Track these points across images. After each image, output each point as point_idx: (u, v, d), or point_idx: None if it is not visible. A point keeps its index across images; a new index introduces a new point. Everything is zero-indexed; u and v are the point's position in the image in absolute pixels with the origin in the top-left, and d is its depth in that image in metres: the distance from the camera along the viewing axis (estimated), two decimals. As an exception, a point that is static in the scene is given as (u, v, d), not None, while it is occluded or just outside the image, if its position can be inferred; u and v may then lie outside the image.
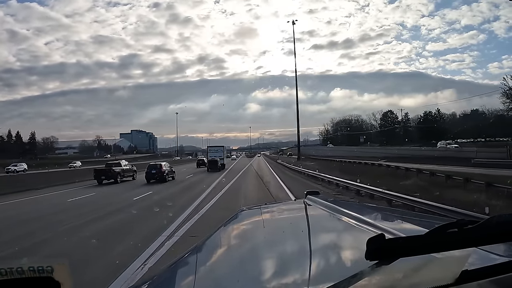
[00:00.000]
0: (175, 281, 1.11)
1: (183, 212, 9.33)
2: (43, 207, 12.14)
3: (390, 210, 1.94)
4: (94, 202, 13.10)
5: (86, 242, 6.48)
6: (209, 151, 39.74)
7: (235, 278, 0.94)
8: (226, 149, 45.60)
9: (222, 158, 36.79)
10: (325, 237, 1.29)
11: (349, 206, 1.74)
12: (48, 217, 9.88)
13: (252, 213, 1.88)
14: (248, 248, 1.22)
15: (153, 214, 9.31)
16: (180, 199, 12.68)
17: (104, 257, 5.40)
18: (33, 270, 0.79)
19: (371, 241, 0.70)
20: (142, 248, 5.63)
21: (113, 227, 8.09)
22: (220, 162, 34.55)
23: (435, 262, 0.73)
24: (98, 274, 4.63)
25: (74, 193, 15.99)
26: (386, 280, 0.67)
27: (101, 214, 9.82)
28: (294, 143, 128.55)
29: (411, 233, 1.10)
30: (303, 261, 1.00)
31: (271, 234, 1.42)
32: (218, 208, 10.02)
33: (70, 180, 22.19)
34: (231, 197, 13.14)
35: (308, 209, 1.75)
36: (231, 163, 51.05)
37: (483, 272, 0.70)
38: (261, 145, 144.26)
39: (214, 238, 1.55)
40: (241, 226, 1.64)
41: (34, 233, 7.41)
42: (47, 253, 5.83)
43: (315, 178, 19.14)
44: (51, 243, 6.63)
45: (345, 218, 1.31)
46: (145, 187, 18.41)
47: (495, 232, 0.74)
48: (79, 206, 11.93)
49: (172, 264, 1.21)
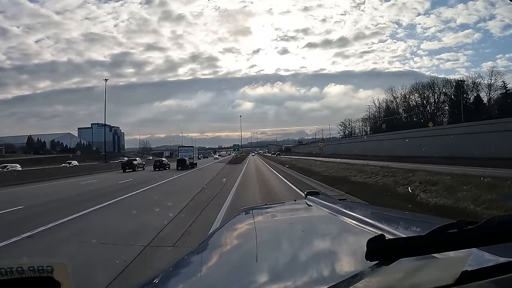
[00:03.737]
0: (176, 282, 1.11)
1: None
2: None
3: (391, 210, 1.94)
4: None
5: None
6: (180, 151, 44.14)
7: (236, 278, 0.94)
8: (215, 148, 48.42)
9: (192, 158, 39.95)
10: (326, 237, 1.29)
11: (350, 207, 1.74)
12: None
13: (253, 214, 1.88)
14: (248, 249, 1.22)
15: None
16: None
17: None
18: (33, 270, 0.79)
19: (372, 242, 0.70)
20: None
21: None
22: (189, 161, 37.05)
23: (435, 262, 0.73)
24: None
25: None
26: (386, 280, 0.67)
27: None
28: (292, 142, 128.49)
29: (412, 233, 1.10)
30: (303, 261, 1.00)
31: (272, 234, 1.42)
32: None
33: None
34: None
35: (309, 209, 1.75)
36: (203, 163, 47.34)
37: (483, 273, 0.70)
38: (254, 144, 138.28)
39: (215, 238, 1.55)
40: (242, 227, 1.64)
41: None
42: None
43: None
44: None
45: (346, 218, 1.31)
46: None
47: (495, 232, 0.74)
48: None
49: (173, 265, 1.21)
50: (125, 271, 4.23)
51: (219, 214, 7.99)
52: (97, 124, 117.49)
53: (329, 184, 14.38)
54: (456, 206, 7.49)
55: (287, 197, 10.32)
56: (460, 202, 7.64)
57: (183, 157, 38.02)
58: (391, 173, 14.25)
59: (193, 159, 40.53)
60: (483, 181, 9.43)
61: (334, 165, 24.07)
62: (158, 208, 8.87)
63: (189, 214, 8.10)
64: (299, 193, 11.36)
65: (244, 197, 11.71)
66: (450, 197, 8.27)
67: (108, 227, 7.23)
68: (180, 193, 13.49)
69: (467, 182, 9.59)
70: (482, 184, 9.10)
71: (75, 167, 37.25)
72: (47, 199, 11.99)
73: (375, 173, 15.32)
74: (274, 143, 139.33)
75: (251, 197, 12.00)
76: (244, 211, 1.97)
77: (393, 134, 48.81)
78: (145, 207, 9.57)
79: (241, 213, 1.89)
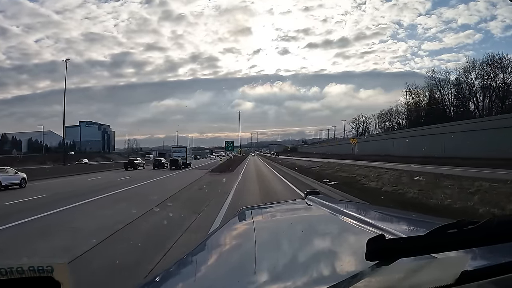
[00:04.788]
0: (176, 282, 1.11)
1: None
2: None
3: (391, 210, 1.94)
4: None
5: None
6: (173, 151, 45.07)
7: (236, 278, 0.94)
8: (212, 148, 48.12)
9: (184, 158, 40.99)
10: (326, 237, 1.29)
11: (350, 207, 1.74)
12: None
13: (253, 213, 1.88)
14: (248, 248, 1.22)
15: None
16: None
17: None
18: (33, 270, 0.79)
19: (371, 242, 0.70)
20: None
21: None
22: (182, 161, 38.19)
23: (435, 262, 0.73)
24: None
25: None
26: (386, 280, 0.67)
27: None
28: (292, 142, 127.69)
29: (411, 233, 1.10)
30: (303, 261, 1.00)
31: (272, 234, 1.42)
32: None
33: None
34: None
35: (309, 209, 1.75)
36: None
37: (483, 273, 0.70)
38: (254, 144, 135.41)
39: (215, 238, 1.55)
40: (242, 226, 1.64)
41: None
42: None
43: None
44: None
45: (346, 218, 1.31)
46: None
47: (495, 232, 0.74)
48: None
49: (173, 264, 1.21)
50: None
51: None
52: (85, 122, 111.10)
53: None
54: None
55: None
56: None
57: (176, 157, 39.26)
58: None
59: (186, 159, 41.50)
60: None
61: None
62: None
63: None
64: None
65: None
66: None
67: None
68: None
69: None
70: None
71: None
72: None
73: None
74: (274, 143, 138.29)
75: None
76: (244, 210, 1.97)
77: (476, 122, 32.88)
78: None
79: (241, 213, 1.89)
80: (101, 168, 39.50)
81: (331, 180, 15.89)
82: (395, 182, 13.58)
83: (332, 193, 11.13)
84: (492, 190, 9.26)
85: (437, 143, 33.51)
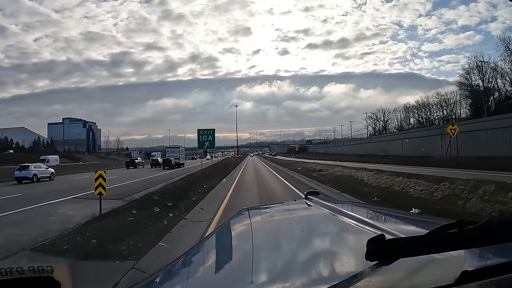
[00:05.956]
0: (175, 282, 1.11)
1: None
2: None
3: (390, 210, 1.94)
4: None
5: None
6: (167, 151, 45.60)
7: (235, 278, 0.94)
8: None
9: (178, 158, 41.92)
10: (326, 237, 1.29)
11: (350, 207, 1.74)
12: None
13: (253, 213, 1.88)
14: (248, 248, 1.22)
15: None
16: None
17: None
18: (33, 270, 0.79)
19: (371, 242, 0.70)
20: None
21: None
22: (175, 161, 39.43)
23: (435, 262, 0.73)
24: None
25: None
26: (386, 280, 0.67)
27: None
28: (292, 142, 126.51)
29: (411, 233, 1.10)
30: (303, 262, 1.00)
31: (272, 234, 1.42)
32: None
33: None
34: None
35: (309, 209, 1.75)
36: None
37: (483, 273, 0.70)
38: (253, 144, 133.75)
39: (215, 238, 1.55)
40: (242, 226, 1.64)
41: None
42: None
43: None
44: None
45: (346, 218, 1.31)
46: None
47: (495, 232, 0.74)
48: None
49: (172, 264, 1.21)
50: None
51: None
52: (69, 118, 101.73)
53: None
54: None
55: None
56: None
57: (169, 157, 40.28)
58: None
59: (179, 159, 42.30)
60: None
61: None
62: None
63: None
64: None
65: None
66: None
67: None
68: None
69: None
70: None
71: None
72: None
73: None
74: (274, 143, 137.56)
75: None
76: (244, 210, 1.96)
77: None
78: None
79: (241, 213, 1.88)
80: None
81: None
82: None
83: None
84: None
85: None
